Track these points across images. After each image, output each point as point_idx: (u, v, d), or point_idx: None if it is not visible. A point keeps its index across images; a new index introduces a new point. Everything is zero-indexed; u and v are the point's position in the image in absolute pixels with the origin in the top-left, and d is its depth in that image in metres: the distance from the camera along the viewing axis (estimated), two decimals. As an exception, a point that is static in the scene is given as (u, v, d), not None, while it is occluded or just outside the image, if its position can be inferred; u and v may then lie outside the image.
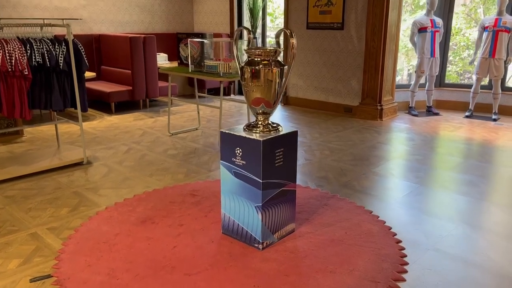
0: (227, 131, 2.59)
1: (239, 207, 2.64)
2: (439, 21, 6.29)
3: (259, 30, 7.68)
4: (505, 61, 5.98)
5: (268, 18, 8.25)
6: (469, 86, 6.50)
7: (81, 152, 4.15)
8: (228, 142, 2.59)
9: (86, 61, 3.95)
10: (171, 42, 7.80)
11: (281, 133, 2.57)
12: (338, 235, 2.77)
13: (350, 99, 6.34)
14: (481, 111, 6.43)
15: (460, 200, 3.38)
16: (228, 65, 4.49)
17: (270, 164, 2.50)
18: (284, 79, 2.51)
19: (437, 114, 6.47)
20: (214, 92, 8.00)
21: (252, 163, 2.49)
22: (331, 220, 2.98)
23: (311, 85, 6.78)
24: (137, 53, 6.39)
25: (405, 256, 2.54)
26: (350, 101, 6.35)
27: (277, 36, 2.58)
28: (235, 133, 2.55)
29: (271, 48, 2.52)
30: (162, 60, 7.33)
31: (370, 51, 5.94)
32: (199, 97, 5.91)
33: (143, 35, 6.53)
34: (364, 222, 2.95)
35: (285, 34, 6.06)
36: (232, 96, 8.03)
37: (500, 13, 5.90)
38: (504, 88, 6.31)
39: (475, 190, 3.56)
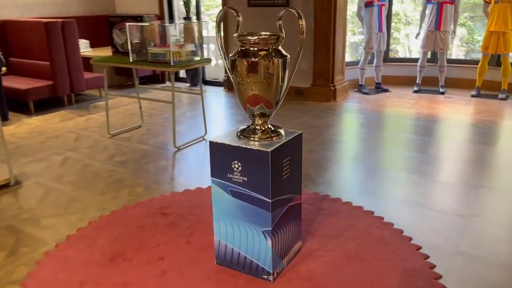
0: (219, 141, 2.06)
1: (240, 232, 2.14)
2: (384, -7, 6.11)
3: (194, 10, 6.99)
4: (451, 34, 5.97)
5: (199, -4, 7.56)
6: (415, 61, 6.45)
7: (5, 170, 3.33)
8: (222, 154, 2.06)
9: (2, 56, 3.11)
10: (91, 26, 6.84)
11: (285, 138, 2.09)
12: (351, 248, 2.39)
13: (301, 81, 5.98)
14: (427, 85, 6.42)
15: (470, 192, 3.18)
16: (178, 52, 3.86)
17: (278, 178, 2.02)
18: (288, 72, 2.02)
19: (386, 90, 6.35)
20: (146, 80, 7.22)
21: (256, 179, 2.00)
22: (335, 229, 2.59)
23: (256, 68, 6.30)
24: (56, 41, 5.43)
25: (434, 266, 2.23)
26: (300, 83, 5.99)
27: (280, 18, 2.07)
28: (230, 143, 2.02)
29: (272, 34, 2.01)
30: (83, 47, 6.37)
31: (319, 29, 5.58)
32: (127, 86, 5.18)
33: (60, 20, 5.57)
34: (372, 228, 2.60)
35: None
36: (167, 83, 7.30)
37: (443, -16, 5.83)
38: (449, 61, 6.33)
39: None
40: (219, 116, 5.19)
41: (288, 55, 1.98)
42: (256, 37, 1.95)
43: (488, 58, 5.79)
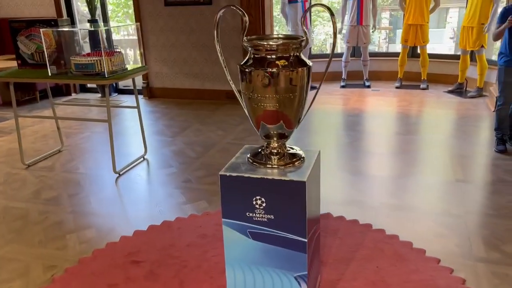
0: (234, 174, 1.64)
1: (264, 282, 1.75)
2: (306, -11, 6.00)
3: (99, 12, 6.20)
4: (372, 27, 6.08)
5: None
6: (339, 56, 6.47)
7: None
8: (238, 190, 1.65)
9: None
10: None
11: (309, 161, 1.75)
12: (372, 272, 2.13)
13: (232, 83, 5.61)
14: (352, 79, 6.49)
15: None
16: (111, 60, 3.26)
17: (310, 210, 1.67)
18: (309, 82, 1.67)
19: (314, 87, 6.26)
20: (44, 94, 6.26)
21: (287, 216, 1.62)
22: (343, 252, 2.31)
23: (180, 72, 5.79)
24: None
25: (464, 281, 2.06)
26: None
27: (308, 11, 1.70)
28: (250, 175, 1.62)
29: (291, 37, 1.64)
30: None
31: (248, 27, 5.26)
32: (24, 103, 4.38)
33: None
34: (380, 243, 2.38)
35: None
36: (73, 95, 6.40)
37: (362, -20, 5.90)
38: (370, 54, 6.46)
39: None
40: (151, 130, 4.60)
41: (310, 62, 1.63)
42: (275, 43, 1.57)
43: (408, 50, 6.02)
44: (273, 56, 1.57)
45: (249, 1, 5.16)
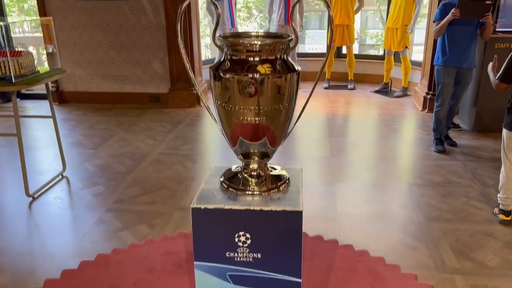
0: (210, 206, 1.30)
1: (247, 332, 1.43)
2: (232, -14, 5.71)
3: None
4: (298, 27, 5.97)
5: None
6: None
7: None
8: (216, 224, 1.31)
9: None
10: None
11: (294, 184, 1.46)
12: (351, 298, 1.92)
13: (155, 85, 5.15)
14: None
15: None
16: (18, 62, 2.68)
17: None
18: (298, 89, 1.38)
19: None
20: None
21: (276, 253, 1.33)
22: (316, 276, 2.07)
23: (96, 74, 5.18)
24: None
25: (446, 296, 1.94)
26: (155, 89, 5.16)
27: (293, 8, 1.41)
28: (233, 207, 1.29)
29: (277, 36, 1.35)
30: None
31: (172, 25, 4.85)
32: None
33: None
34: (353, 262, 2.17)
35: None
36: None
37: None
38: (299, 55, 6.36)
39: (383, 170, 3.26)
40: (67, 141, 3.97)
41: (299, 67, 1.34)
42: (258, 42, 1.26)
43: (335, 50, 6.02)
44: (256, 59, 1.26)
45: (174, -3, 4.74)
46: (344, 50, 6.22)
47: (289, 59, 1.33)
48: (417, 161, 3.58)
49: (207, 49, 8.61)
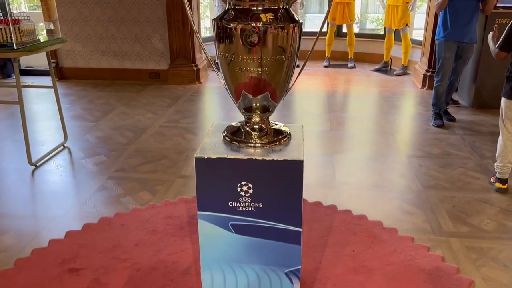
0: (213, 156, 1.33)
1: (249, 281, 1.47)
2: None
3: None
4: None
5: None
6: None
7: None
8: (219, 174, 1.34)
9: None
10: None
11: (296, 137, 1.49)
12: (349, 257, 1.96)
13: (155, 62, 5.14)
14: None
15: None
16: (19, 29, 2.69)
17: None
18: (300, 42, 1.40)
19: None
20: None
21: (277, 203, 1.36)
22: (314, 238, 2.11)
23: (95, 50, 5.17)
24: None
25: (443, 258, 1.98)
26: (155, 65, 5.15)
27: None
28: (235, 157, 1.32)
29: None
30: None
31: (173, 0, 4.82)
32: None
33: None
34: (351, 225, 2.21)
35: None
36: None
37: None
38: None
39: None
40: (68, 114, 3.98)
41: (299, 19, 1.36)
42: (259, -9, 1.27)
43: (335, 29, 5.99)
44: (259, 8, 1.27)
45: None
46: (344, 29, 6.19)
47: (291, 10, 1.35)
48: (416, 134, 3.61)
49: (207, 31, 8.56)
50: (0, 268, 1.90)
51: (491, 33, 2.62)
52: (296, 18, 1.33)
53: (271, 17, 1.27)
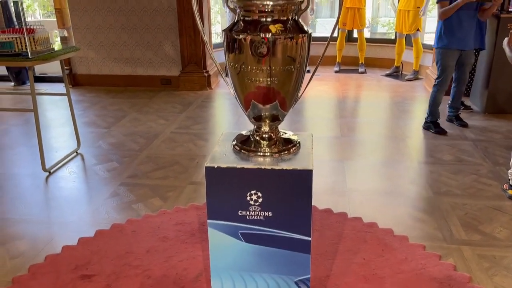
0: (223, 165, 1.34)
1: (259, 289, 1.48)
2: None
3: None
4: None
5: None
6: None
7: None
8: (229, 184, 1.36)
9: None
10: None
11: (304, 146, 1.50)
12: (360, 265, 1.96)
13: (167, 68, 5.20)
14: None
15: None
16: (34, 38, 2.74)
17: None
18: (309, 52, 1.41)
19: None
20: None
21: (287, 212, 1.37)
22: (325, 245, 2.11)
23: (108, 57, 5.24)
24: None
25: (454, 266, 1.96)
26: (167, 71, 5.21)
27: None
28: (245, 166, 1.34)
29: (289, -4, 1.36)
30: None
31: (184, 7, 4.87)
32: None
33: None
34: (362, 233, 2.21)
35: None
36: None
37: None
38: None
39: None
40: (81, 121, 4.05)
41: (308, 30, 1.37)
42: (270, 2, 1.28)
43: (346, 34, 5.99)
44: (268, 19, 1.29)
45: (185, -21, 4.75)
46: (355, 34, 6.19)
47: (300, 21, 1.36)
48: (427, 140, 3.58)
49: (217, 37, 8.62)
50: (14, 274, 1.93)
51: (506, 38, 2.60)
52: (305, 29, 1.35)
53: (280, 28, 1.29)
